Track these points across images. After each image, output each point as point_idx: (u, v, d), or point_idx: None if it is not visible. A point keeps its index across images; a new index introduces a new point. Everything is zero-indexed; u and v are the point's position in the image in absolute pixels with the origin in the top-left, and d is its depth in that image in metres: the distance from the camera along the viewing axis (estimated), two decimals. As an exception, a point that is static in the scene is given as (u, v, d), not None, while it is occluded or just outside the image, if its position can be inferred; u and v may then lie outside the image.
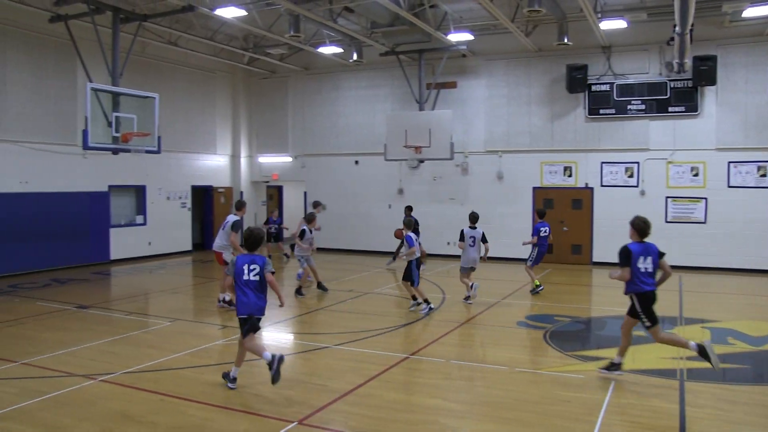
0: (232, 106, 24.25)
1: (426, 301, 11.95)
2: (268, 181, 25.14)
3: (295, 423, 6.40)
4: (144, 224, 20.58)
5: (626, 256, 7.51)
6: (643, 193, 18.56)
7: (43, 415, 6.66)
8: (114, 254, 19.39)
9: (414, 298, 12.08)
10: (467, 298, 12.95)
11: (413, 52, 20.11)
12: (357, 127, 22.57)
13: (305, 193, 23.55)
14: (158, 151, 16.11)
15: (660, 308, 12.51)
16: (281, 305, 7.68)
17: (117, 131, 14.65)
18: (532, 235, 14.23)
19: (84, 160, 18.13)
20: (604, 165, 19.05)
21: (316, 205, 16.53)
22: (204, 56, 21.56)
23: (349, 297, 13.70)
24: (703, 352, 7.36)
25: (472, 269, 13.01)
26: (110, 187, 19.26)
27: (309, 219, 14.04)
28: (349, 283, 15.74)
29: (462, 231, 12.89)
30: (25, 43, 16.76)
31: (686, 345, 7.54)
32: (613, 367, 7.89)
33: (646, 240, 7.67)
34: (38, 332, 10.46)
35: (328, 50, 19.81)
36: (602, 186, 19.12)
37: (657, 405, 6.99)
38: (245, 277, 7.27)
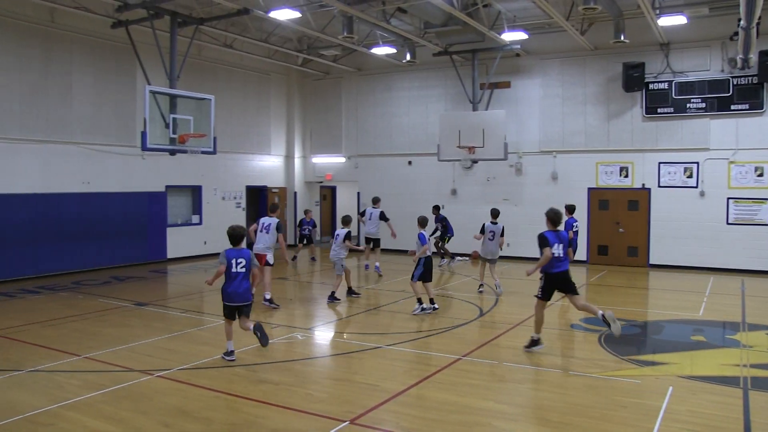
0: (286, 107, 24.56)
1: (419, 300, 11.89)
2: (321, 182, 25.37)
3: (347, 422, 6.43)
4: (199, 224, 21.02)
5: (544, 241, 8.76)
6: (702, 194, 18.01)
7: (104, 408, 6.87)
8: (170, 253, 19.87)
9: (423, 299, 11.97)
10: (480, 286, 14.28)
11: (466, 52, 19.99)
12: (410, 127, 22.58)
13: (358, 193, 23.68)
14: (214, 152, 16.40)
15: (722, 314, 12.28)
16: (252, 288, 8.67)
17: (174, 132, 14.97)
18: (566, 230, 13.99)
19: (142, 161, 18.64)
20: (661, 165, 18.55)
21: (376, 201, 16.66)
22: (258, 58, 21.89)
23: (401, 297, 13.69)
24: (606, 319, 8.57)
25: (492, 261, 14.09)
26: (167, 187, 19.75)
27: (346, 221, 13.82)
28: (401, 283, 15.73)
29: (483, 225, 14.10)
30: (89, 48, 17.33)
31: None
32: (533, 343, 9.03)
33: (558, 228, 8.98)
34: (99, 328, 10.81)
35: (381, 51, 19.85)
36: (660, 187, 18.62)
37: (718, 413, 6.75)
38: (234, 270, 8.29)
